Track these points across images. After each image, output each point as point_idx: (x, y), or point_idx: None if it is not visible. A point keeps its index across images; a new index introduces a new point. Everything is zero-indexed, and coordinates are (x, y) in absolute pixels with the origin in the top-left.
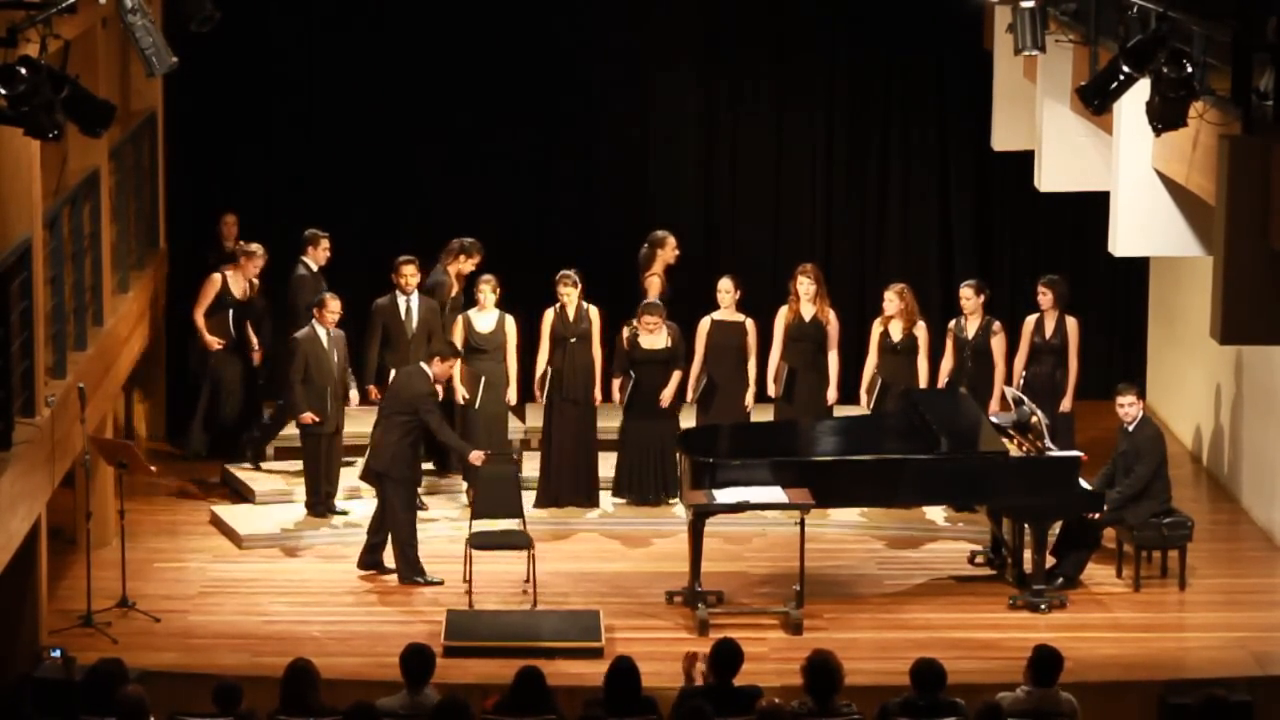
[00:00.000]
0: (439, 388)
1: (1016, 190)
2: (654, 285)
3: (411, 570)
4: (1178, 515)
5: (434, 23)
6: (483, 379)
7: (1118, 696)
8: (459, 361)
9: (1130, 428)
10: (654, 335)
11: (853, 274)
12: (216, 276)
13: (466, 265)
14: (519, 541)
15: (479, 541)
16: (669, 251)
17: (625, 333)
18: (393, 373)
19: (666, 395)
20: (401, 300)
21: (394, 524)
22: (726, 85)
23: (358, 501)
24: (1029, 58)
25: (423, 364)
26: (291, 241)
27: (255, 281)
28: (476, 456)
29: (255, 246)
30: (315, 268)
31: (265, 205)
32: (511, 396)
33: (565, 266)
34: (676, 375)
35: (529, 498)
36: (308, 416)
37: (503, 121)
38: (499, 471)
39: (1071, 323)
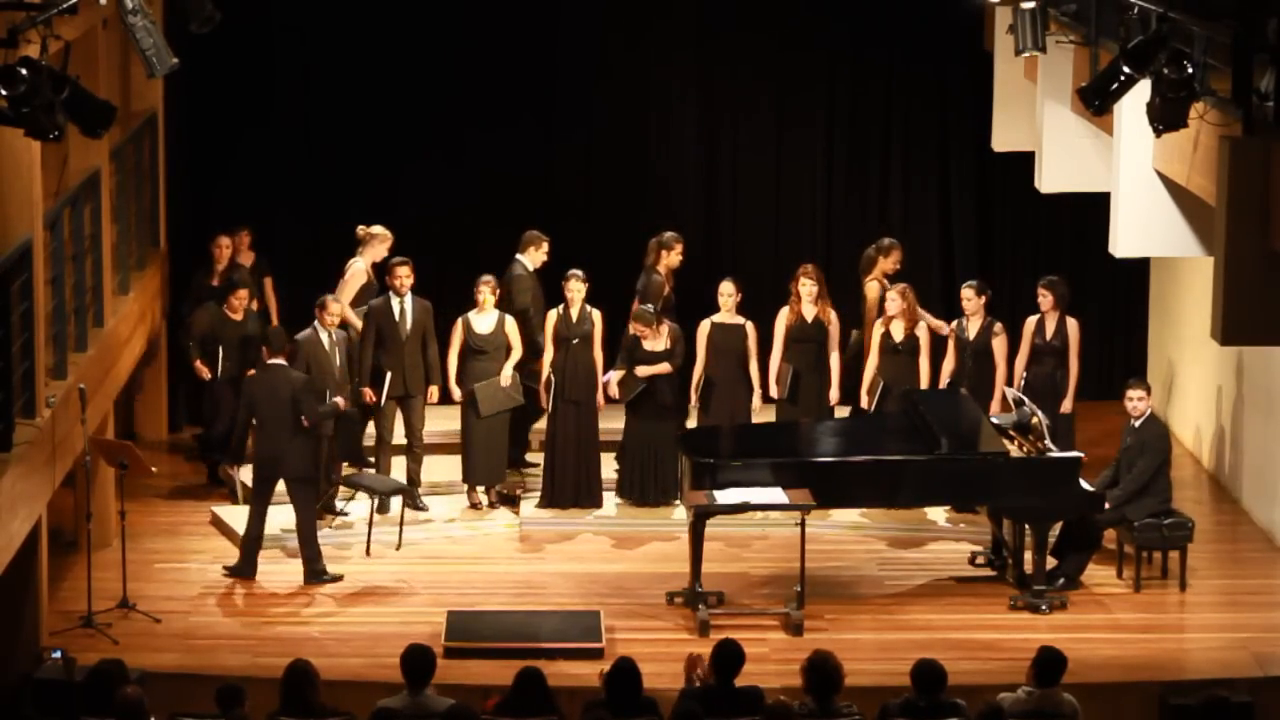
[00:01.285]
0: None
1: (1017, 191)
2: (873, 290)
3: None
4: (1178, 516)
5: (434, 24)
6: (513, 376)
7: (1119, 697)
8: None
9: (1137, 423)
10: (654, 338)
11: (854, 275)
12: (361, 267)
13: (674, 258)
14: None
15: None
16: (889, 262)
17: (630, 331)
18: (388, 375)
19: (645, 370)
20: (395, 302)
21: (305, 523)
22: (727, 86)
23: (357, 503)
24: (1029, 58)
25: (275, 362)
26: (291, 241)
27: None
28: (339, 401)
29: (379, 228)
30: (532, 267)
31: (265, 205)
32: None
33: (565, 267)
34: (664, 366)
35: (532, 498)
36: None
37: (503, 123)
38: (349, 415)
39: (1072, 324)
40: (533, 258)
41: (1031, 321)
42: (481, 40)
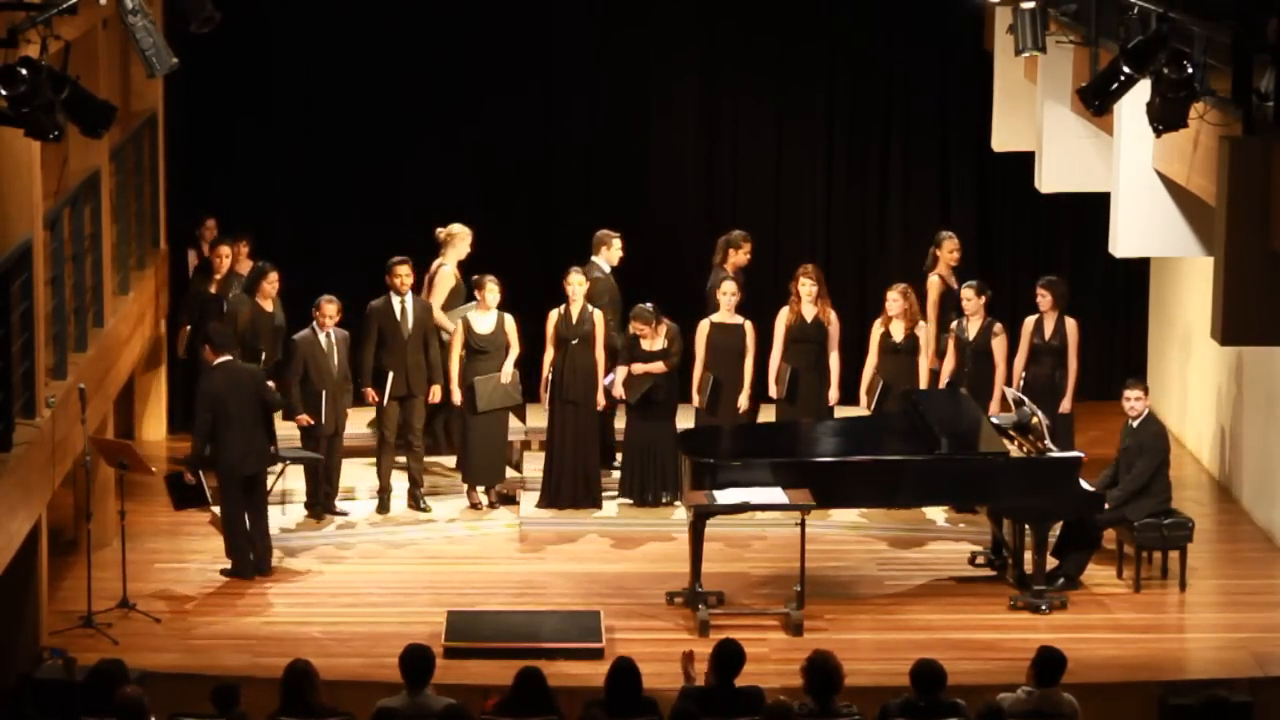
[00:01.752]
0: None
1: (1017, 191)
2: (934, 285)
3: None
4: (1178, 516)
5: (435, 23)
6: (513, 374)
7: (1118, 697)
8: (458, 361)
9: (1135, 424)
10: (653, 337)
11: (853, 274)
12: (448, 270)
13: (741, 256)
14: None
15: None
16: (948, 253)
17: (630, 330)
18: (390, 376)
19: (639, 367)
20: (396, 301)
21: (264, 519)
22: (727, 85)
23: (356, 502)
24: (1029, 58)
25: (225, 359)
26: (290, 241)
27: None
28: (302, 419)
29: (457, 226)
30: (608, 267)
31: (265, 205)
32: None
33: (566, 266)
34: (657, 365)
35: (532, 498)
36: (303, 418)
37: (501, 122)
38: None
39: (1071, 324)
40: (608, 257)
41: (1030, 321)
42: (479, 38)
